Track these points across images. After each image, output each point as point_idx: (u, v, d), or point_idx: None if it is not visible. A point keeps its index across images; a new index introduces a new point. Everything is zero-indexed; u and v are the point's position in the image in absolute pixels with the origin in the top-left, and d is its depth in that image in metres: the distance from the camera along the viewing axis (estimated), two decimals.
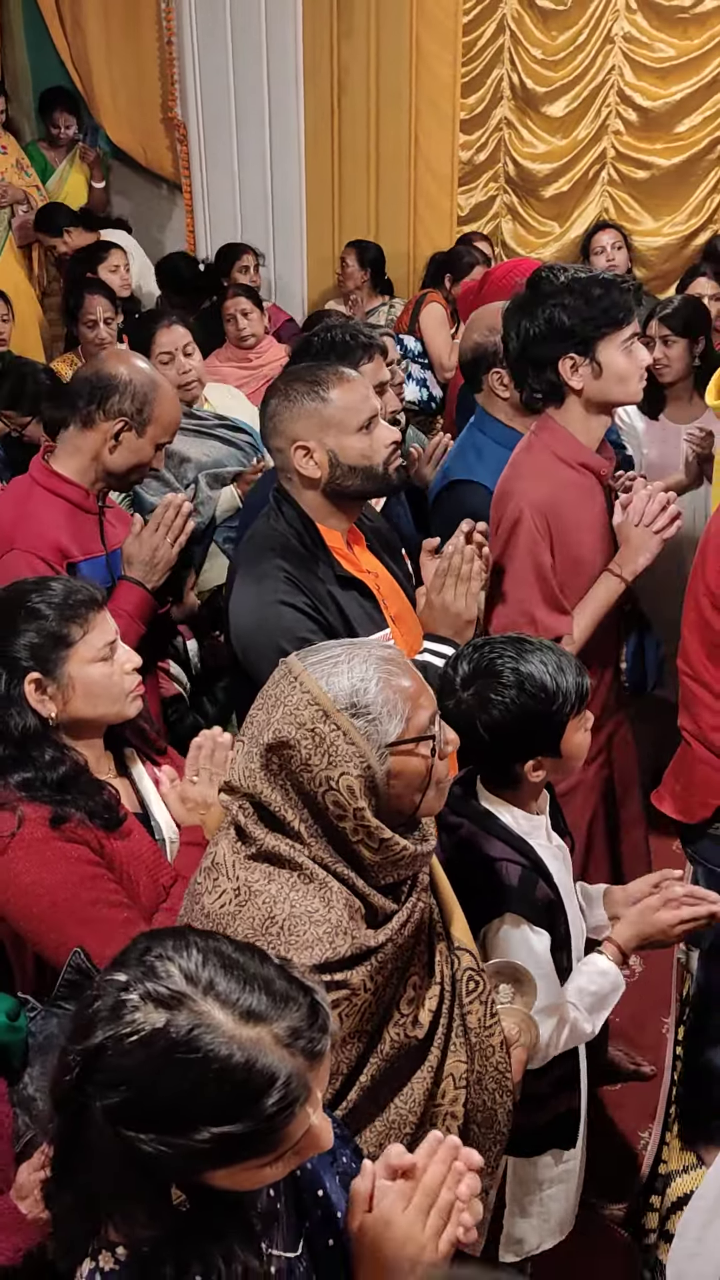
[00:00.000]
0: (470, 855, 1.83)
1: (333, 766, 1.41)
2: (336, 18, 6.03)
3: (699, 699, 2.46)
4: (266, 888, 1.43)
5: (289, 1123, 1.05)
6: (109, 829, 1.86)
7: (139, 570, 2.51)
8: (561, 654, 1.88)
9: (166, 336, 3.52)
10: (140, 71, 6.46)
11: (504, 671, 1.83)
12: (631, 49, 6.06)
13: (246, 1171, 1.07)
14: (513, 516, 2.46)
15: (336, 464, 2.23)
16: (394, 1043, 1.50)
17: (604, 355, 2.36)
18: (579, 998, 1.91)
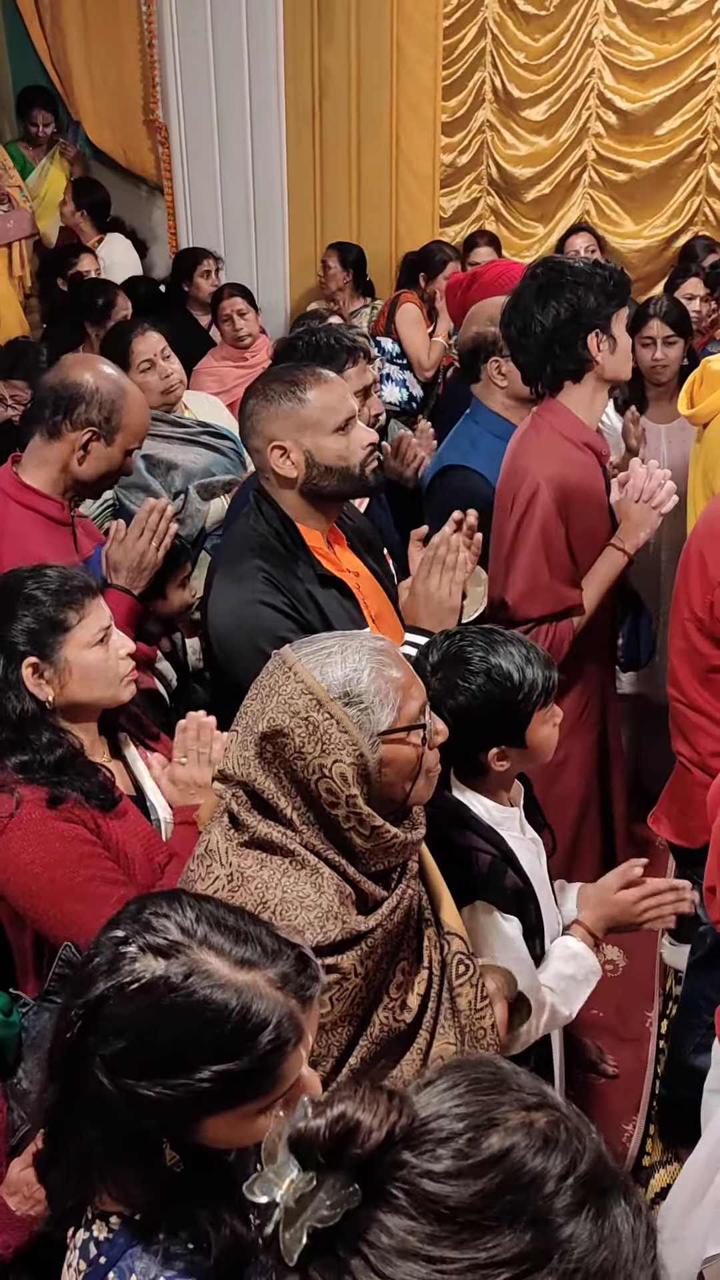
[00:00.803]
0: (441, 844, 1.84)
1: (326, 754, 1.43)
2: (317, 20, 6.05)
3: (695, 725, 2.49)
4: (259, 874, 1.46)
5: (283, 1061, 1.09)
6: (105, 809, 1.90)
7: (125, 577, 2.51)
8: (531, 647, 1.92)
9: (143, 344, 3.51)
10: (121, 73, 6.46)
11: (473, 659, 1.88)
12: (611, 52, 6.12)
13: (242, 1120, 1.10)
14: (528, 492, 2.56)
15: (313, 464, 2.25)
16: (383, 1026, 1.53)
17: (616, 330, 2.57)
18: (555, 982, 1.94)
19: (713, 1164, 1.98)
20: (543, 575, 2.57)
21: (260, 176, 6.33)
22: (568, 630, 2.62)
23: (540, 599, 2.57)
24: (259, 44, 6.04)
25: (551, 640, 2.59)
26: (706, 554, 2.35)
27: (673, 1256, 2.05)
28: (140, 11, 6.24)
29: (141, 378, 3.51)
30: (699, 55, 5.98)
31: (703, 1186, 1.99)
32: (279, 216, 6.40)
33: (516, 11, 6.18)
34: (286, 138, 6.23)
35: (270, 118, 6.20)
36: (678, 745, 2.55)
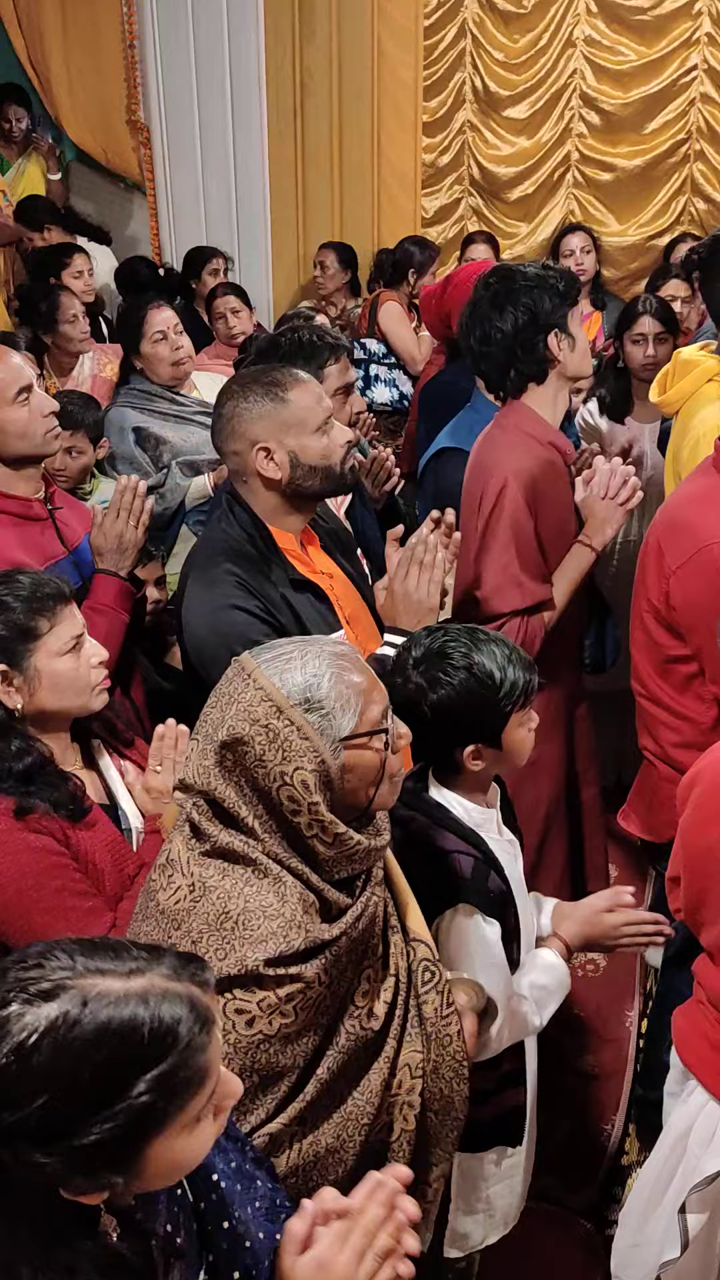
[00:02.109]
0: (423, 847, 1.85)
1: (287, 761, 1.42)
2: (298, 20, 6.05)
3: (657, 718, 2.49)
4: (221, 883, 1.44)
5: (207, 1046, 1.07)
6: (74, 820, 1.88)
7: (110, 560, 2.53)
8: (513, 649, 1.91)
9: (158, 316, 3.65)
10: (102, 74, 6.43)
11: (455, 655, 1.87)
12: (593, 52, 6.13)
13: (184, 1132, 1.06)
14: (496, 486, 2.58)
15: (297, 464, 2.24)
16: (350, 1035, 1.52)
17: (572, 328, 2.63)
18: (530, 991, 1.94)
19: (669, 1168, 1.98)
20: (513, 569, 2.59)
21: (242, 176, 6.33)
22: (539, 626, 2.63)
23: (511, 594, 2.59)
24: (240, 44, 6.03)
25: (524, 635, 2.60)
26: (664, 544, 2.35)
27: (635, 1262, 2.05)
28: (121, 12, 6.22)
29: (153, 348, 3.66)
30: (680, 55, 5.99)
31: (659, 1191, 1.99)
32: (261, 217, 6.39)
33: (496, 11, 6.18)
34: (268, 138, 6.22)
35: (252, 118, 6.19)
36: (642, 740, 2.56)
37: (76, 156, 6.76)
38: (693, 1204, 1.93)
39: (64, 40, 6.43)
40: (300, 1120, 1.47)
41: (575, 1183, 2.90)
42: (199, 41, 6.05)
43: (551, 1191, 2.81)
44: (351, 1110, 1.52)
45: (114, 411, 3.70)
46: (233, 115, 6.20)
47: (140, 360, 3.69)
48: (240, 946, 1.41)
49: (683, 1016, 2.03)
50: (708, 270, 2.82)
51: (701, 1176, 1.91)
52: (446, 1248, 2.08)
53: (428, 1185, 1.65)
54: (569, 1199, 2.85)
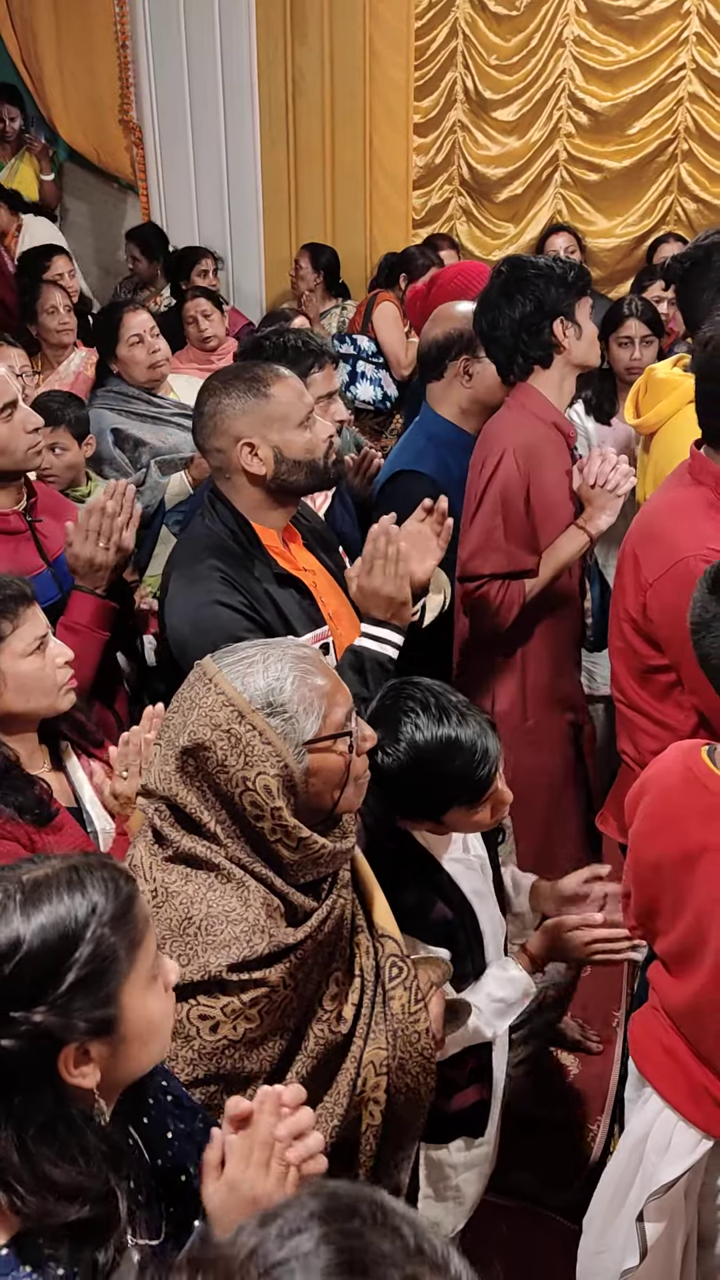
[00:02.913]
0: (375, 858, 1.83)
1: (249, 767, 1.42)
2: (290, 21, 6.04)
3: (636, 725, 2.49)
4: (184, 889, 1.45)
5: (137, 896, 1.19)
6: (39, 824, 1.87)
7: (83, 579, 2.49)
8: (471, 708, 1.85)
9: (134, 319, 3.66)
10: (94, 74, 6.44)
11: (404, 725, 1.81)
12: (582, 53, 6.11)
13: (146, 987, 1.17)
14: (495, 455, 2.69)
15: (281, 459, 2.25)
16: (319, 1040, 1.52)
17: (580, 317, 2.71)
18: (485, 1003, 1.92)
19: (628, 1175, 1.96)
20: (497, 534, 2.67)
21: (234, 176, 6.33)
22: (519, 592, 2.69)
23: (493, 556, 2.67)
24: (232, 44, 6.03)
25: (502, 598, 2.67)
26: (640, 555, 2.35)
27: (598, 1269, 2.04)
28: (113, 12, 6.23)
29: (129, 351, 3.66)
30: (669, 55, 5.97)
31: (619, 1199, 1.98)
32: (253, 216, 6.39)
33: (487, 12, 6.17)
34: (260, 138, 6.22)
35: (244, 118, 6.20)
36: (621, 744, 2.55)
37: (69, 157, 6.77)
38: (650, 1212, 1.91)
39: (57, 41, 6.44)
40: None
41: (559, 1182, 2.90)
42: (191, 42, 6.06)
43: (534, 1190, 2.81)
44: (320, 1113, 1.53)
45: (91, 413, 3.67)
46: (225, 115, 6.20)
47: (117, 363, 3.69)
48: (203, 952, 1.41)
49: (638, 1023, 2.01)
50: (687, 282, 2.82)
51: (658, 1184, 1.90)
52: None
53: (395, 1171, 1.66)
54: (552, 1198, 2.85)
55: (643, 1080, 1.97)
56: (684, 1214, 1.93)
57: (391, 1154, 1.65)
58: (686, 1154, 1.87)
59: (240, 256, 6.44)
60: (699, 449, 2.32)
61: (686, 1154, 1.87)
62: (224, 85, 6.13)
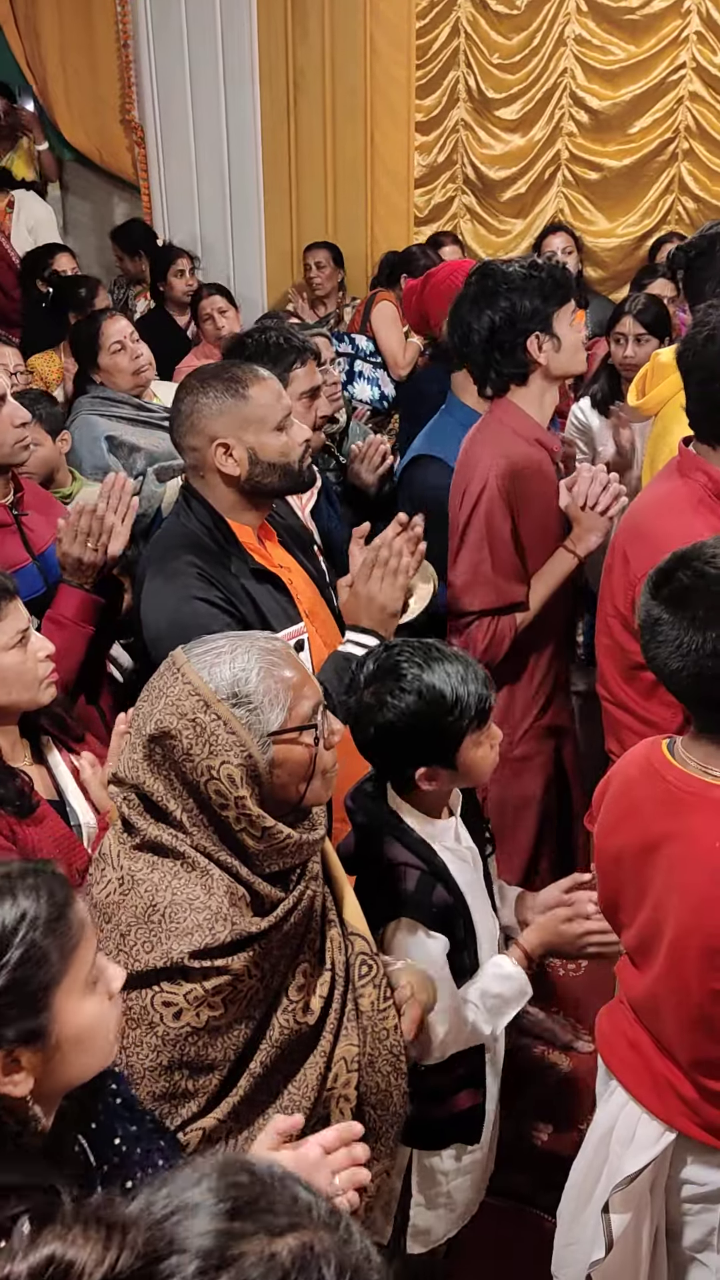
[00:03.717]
0: (372, 856, 1.84)
1: (214, 756, 1.43)
2: (291, 20, 6.06)
3: (621, 723, 2.48)
4: (149, 876, 1.45)
5: (73, 900, 1.18)
6: (21, 816, 1.88)
7: (71, 577, 2.49)
8: (469, 665, 1.87)
9: (113, 327, 3.63)
10: (96, 74, 6.47)
11: (406, 675, 1.83)
12: (583, 52, 6.12)
13: (82, 993, 1.16)
14: (477, 485, 2.58)
15: (255, 461, 2.25)
16: (284, 1029, 1.53)
17: (559, 329, 2.58)
18: (481, 999, 1.92)
19: (595, 1168, 1.97)
20: (484, 568, 2.58)
21: (236, 175, 6.34)
22: (509, 626, 2.62)
23: (481, 592, 2.59)
24: (234, 43, 6.05)
25: (492, 635, 2.59)
26: (629, 551, 2.34)
27: (569, 1260, 2.05)
28: (115, 12, 6.25)
29: (112, 359, 3.63)
30: (669, 54, 5.97)
31: (586, 1191, 1.98)
32: (255, 215, 6.40)
33: (489, 11, 6.18)
34: (262, 137, 6.24)
35: (245, 116, 6.21)
36: (609, 743, 2.55)
37: (73, 156, 6.80)
38: (615, 1203, 1.92)
39: (60, 41, 6.47)
40: (234, 1115, 1.48)
41: (547, 1182, 2.90)
42: (192, 41, 6.07)
43: (524, 1190, 2.81)
44: (287, 1105, 1.53)
45: (80, 421, 3.63)
46: (226, 114, 6.22)
47: (99, 373, 3.65)
48: (166, 939, 1.42)
49: (605, 1017, 2.01)
50: (692, 273, 2.81)
51: (622, 1176, 1.90)
52: (409, 1244, 2.08)
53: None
54: (541, 1197, 2.85)
55: (609, 1073, 1.97)
56: (649, 1206, 1.93)
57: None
58: (650, 1146, 1.87)
59: (241, 254, 6.45)
60: (687, 445, 2.32)
61: (650, 1146, 1.87)
62: (225, 84, 6.15)
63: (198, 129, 6.30)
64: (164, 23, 6.08)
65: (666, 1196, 1.94)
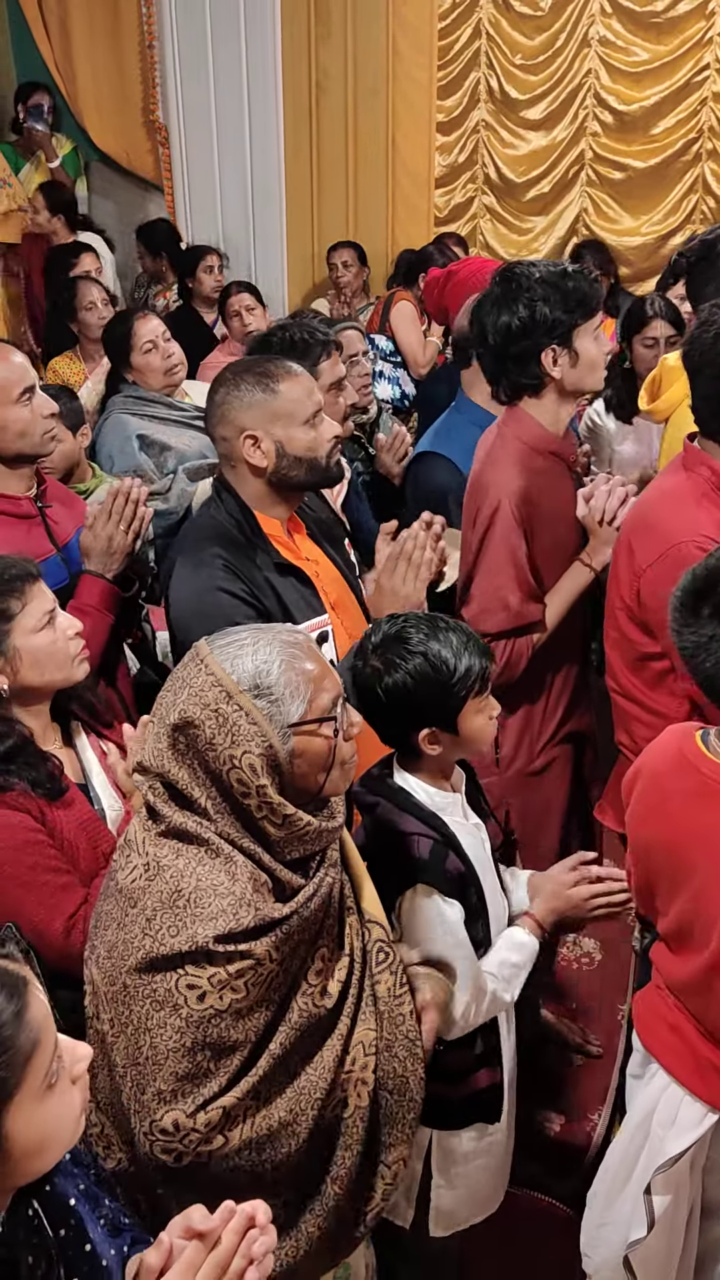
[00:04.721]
0: (384, 831, 1.89)
1: (235, 745, 1.47)
2: (314, 22, 6.11)
3: (630, 714, 2.51)
4: (174, 862, 1.49)
5: (24, 1011, 1.08)
6: (51, 799, 1.94)
7: (97, 562, 2.54)
8: (471, 636, 1.94)
9: (145, 326, 3.65)
10: (122, 75, 6.52)
11: (411, 640, 1.91)
12: (607, 53, 6.15)
13: (37, 1105, 1.09)
14: (491, 506, 2.54)
15: (283, 454, 2.29)
16: (302, 1012, 1.56)
17: (579, 344, 2.47)
18: (499, 969, 1.97)
19: (634, 1149, 2.01)
20: (502, 592, 2.55)
21: (258, 175, 6.39)
22: (526, 646, 2.61)
23: (498, 616, 2.56)
24: (257, 44, 6.09)
25: (509, 656, 2.58)
26: (634, 542, 2.37)
27: (602, 1241, 2.09)
28: (140, 13, 6.30)
29: (144, 359, 3.65)
30: (694, 55, 5.99)
31: (625, 1173, 2.03)
32: (277, 215, 6.45)
33: (512, 12, 6.21)
34: (284, 137, 6.28)
35: (268, 118, 6.25)
36: (618, 735, 2.58)
37: (98, 157, 6.85)
38: (658, 1185, 1.97)
39: (89, 43, 6.51)
40: (254, 1094, 1.52)
41: (560, 1170, 2.94)
42: (216, 42, 6.12)
43: (536, 1178, 2.85)
44: (304, 1085, 1.57)
45: (112, 420, 3.67)
46: (249, 115, 6.26)
47: (132, 372, 3.68)
48: (192, 924, 1.46)
49: (641, 1001, 2.06)
50: (694, 276, 2.83)
51: (666, 1158, 1.95)
52: (433, 1227, 2.12)
53: (385, 1165, 1.68)
54: (554, 1186, 2.89)
55: (648, 1057, 2.02)
56: (689, 1186, 1.98)
57: (381, 1146, 1.68)
58: (693, 1127, 1.93)
59: (263, 254, 6.50)
60: (692, 441, 2.35)
61: (693, 1127, 1.93)
62: (248, 85, 6.19)
63: (221, 130, 6.34)
64: (188, 24, 6.12)
65: (705, 1175, 1.99)
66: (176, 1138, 1.48)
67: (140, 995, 1.48)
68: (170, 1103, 1.48)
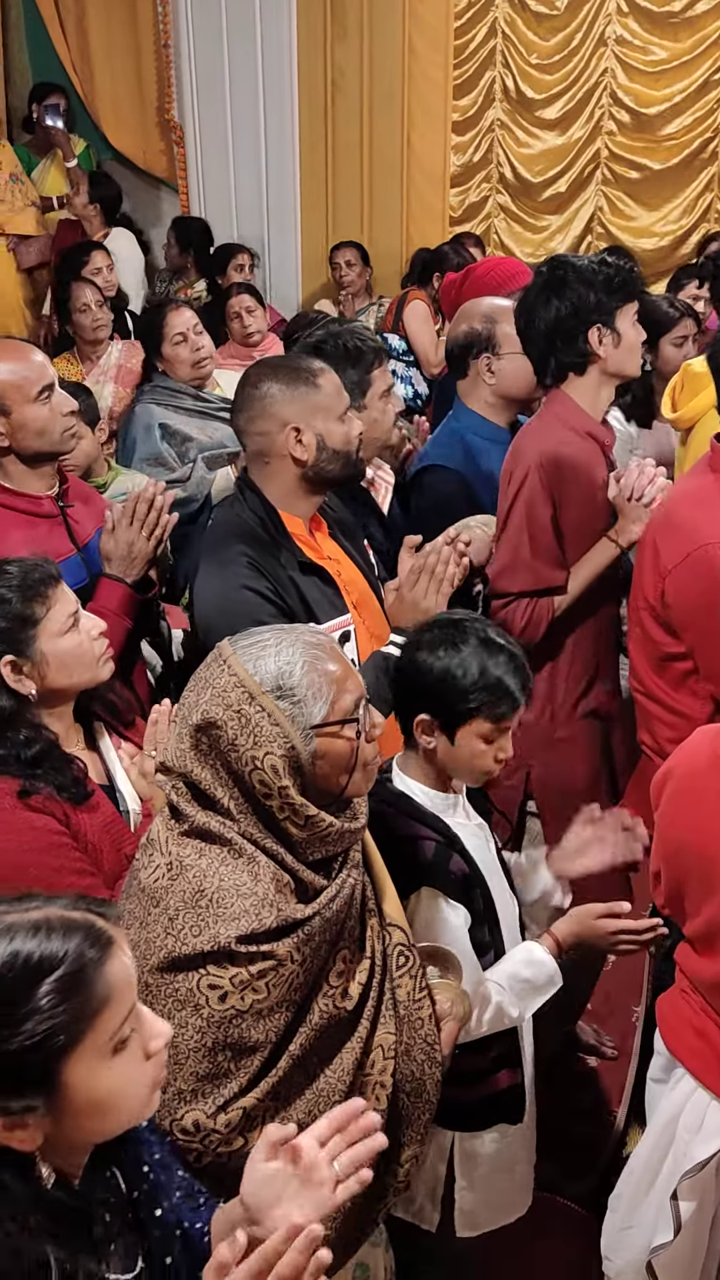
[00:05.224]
0: (385, 833, 1.86)
1: (258, 746, 1.47)
2: (330, 21, 6.11)
3: (653, 714, 2.52)
4: (197, 862, 1.49)
5: (106, 962, 1.12)
6: (76, 803, 1.94)
7: (118, 566, 2.53)
8: (520, 667, 1.91)
9: (177, 318, 3.73)
10: (137, 74, 6.53)
11: (467, 632, 1.91)
12: (624, 52, 6.14)
13: (100, 1062, 1.11)
14: (520, 474, 2.63)
15: (323, 448, 2.32)
16: (323, 1013, 1.56)
17: (621, 325, 2.61)
18: (509, 982, 1.95)
19: (658, 1154, 2.01)
20: (523, 552, 2.63)
21: (273, 175, 6.40)
22: (547, 609, 2.66)
23: (520, 575, 2.64)
24: (273, 43, 6.10)
25: (530, 616, 2.64)
26: (660, 543, 2.38)
27: (625, 1245, 2.09)
28: (156, 12, 6.31)
29: (173, 350, 3.73)
30: (711, 54, 6.00)
31: (649, 1177, 2.02)
32: (291, 215, 6.46)
33: (528, 11, 6.20)
34: (299, 136, 6.30)
35: (283, 117, 6.27)
36: (641, 735, 2.59)
37: (113, 156, 6.85)
38: (684, 1190, 1.96)
39: (106, 42, 6.52)
40: (273, 1095, 1.52)
41: (576, 1171, 2.93)
42: (232, 42, 6.13)
43: (552, 1179, 2.84)
44: (323, 1087, 1.57)
45: (139, 408, 3.75)
46: (264, 114, 6.27)
47: (162, 362, 3.76)
48: (214, 924, 1.46)
49: (666, 1004, 2.05)
50: None
51: (693, 1163, 1.95)
52: (459, 1228, 2.11)
53: (399, 1165, 1.68)
54: (569, 1187, 2.88)
55: (672, 1061, 2.01)
56: (715, 1190, 1.98)
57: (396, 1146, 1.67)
58: (719, 1133, 1.92)
59: (277, 254, 6.51)
60: (718, 441, 2.35)
61: (719, 1133, 1.92)
62: (264, 84, 6.21)
63: (236, 129, 6.36)
64: (204, 23, 6.14)
65: None
66: (197, 1138, 1.48)
67: (162, 994, 1.49)
68: (191, 1102, 1.48)
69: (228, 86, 6.25)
